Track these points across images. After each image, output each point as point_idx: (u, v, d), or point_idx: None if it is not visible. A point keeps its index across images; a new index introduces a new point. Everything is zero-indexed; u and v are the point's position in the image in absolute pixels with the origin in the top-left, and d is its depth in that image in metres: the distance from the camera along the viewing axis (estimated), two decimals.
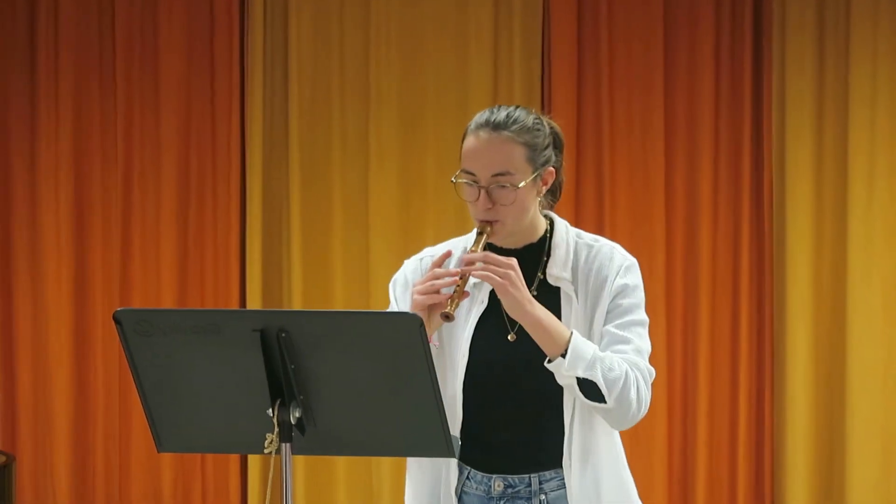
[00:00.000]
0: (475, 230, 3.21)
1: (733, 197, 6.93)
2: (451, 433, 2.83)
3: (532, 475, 3.19)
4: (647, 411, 3.20)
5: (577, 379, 3.06)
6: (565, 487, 3.18)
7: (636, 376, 3.13)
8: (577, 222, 6.84)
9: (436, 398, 2.74)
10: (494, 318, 3.18)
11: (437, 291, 3.03)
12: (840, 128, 6.83)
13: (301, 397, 2.75)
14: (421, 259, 3.29)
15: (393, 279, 3.30)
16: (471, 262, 3.05)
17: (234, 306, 6.82)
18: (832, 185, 6.86)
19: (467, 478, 3.22)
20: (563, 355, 3.03)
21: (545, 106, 6.91)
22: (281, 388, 2.74)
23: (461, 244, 3.29)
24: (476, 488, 3.21)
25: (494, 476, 3.20)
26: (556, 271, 3.21)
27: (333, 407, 2.78)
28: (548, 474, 3.19)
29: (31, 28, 6.86)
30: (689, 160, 6.93)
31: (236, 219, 6.90)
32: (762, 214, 6.94)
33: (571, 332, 3.07)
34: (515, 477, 3.19)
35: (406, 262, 3.31)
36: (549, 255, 3.25)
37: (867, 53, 6.79)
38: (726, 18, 6.91)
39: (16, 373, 6.91)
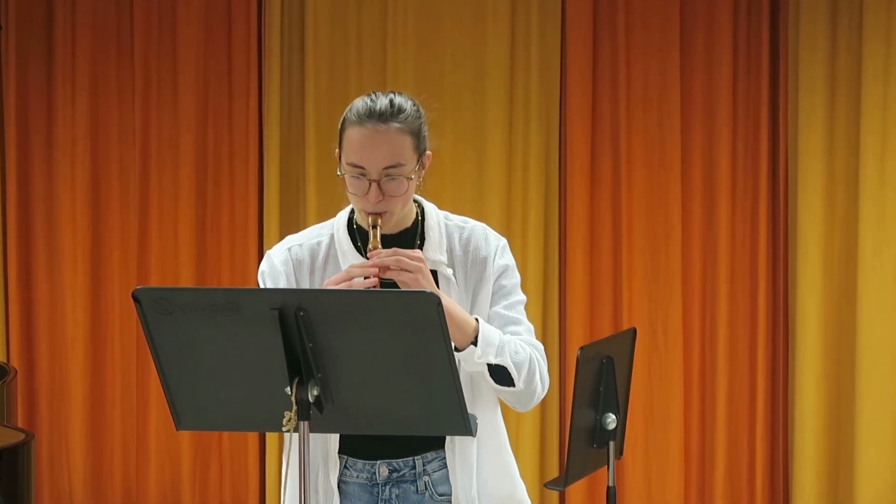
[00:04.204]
0: (342, 214, 3.24)
1: (751, 175, 6.93)
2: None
3: (416, 457, 3.21)
4: (548, 388, 3.23)
5: (488, 365, 3.08)
6: (447, 467, 3.20)
7: (537, 357, 3.17)
8: (592, 201, 6.89)
9: (453, 376, 2.74)
10: None
11: None
12: (853, 106, 6.83)
13: (319, 375, 2.75)
14: (289, 248, 3.25)
15: (260, 271, 3.26)
16: (379, 258, 3.01)
17: (252, 286, 6.83)
18: (844, 163, 6.86)
19: (345, 467, 3.22)
20: (474, 343, 3.05)
21: (562, 83, 6.91)
22: (299, 367, 2.75)
23: (327, 231, 3.27)
24: (357, 476, 3.22)
25: (379, 462, 3.21)
26: (433, 254, 3.20)
27: (351, 385, 2.78)
28: (430, 455, 3.21)
29: (48, 5, 6.88)
30: (705, 138, 6.93)
31: (254, 197, 6.91)
32: (778, 192, 6.93)
33: (477, 320, 3.08)
34: (400, 461, 3.21)
35: (270, 252, 3.27)
36: (423, 239, 3.23)
37: (880, 32, 6.78)
38: None
39: (33, 351, 6.94)
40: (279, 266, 3.23)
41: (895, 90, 6.78)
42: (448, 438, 3.18)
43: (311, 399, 2.75)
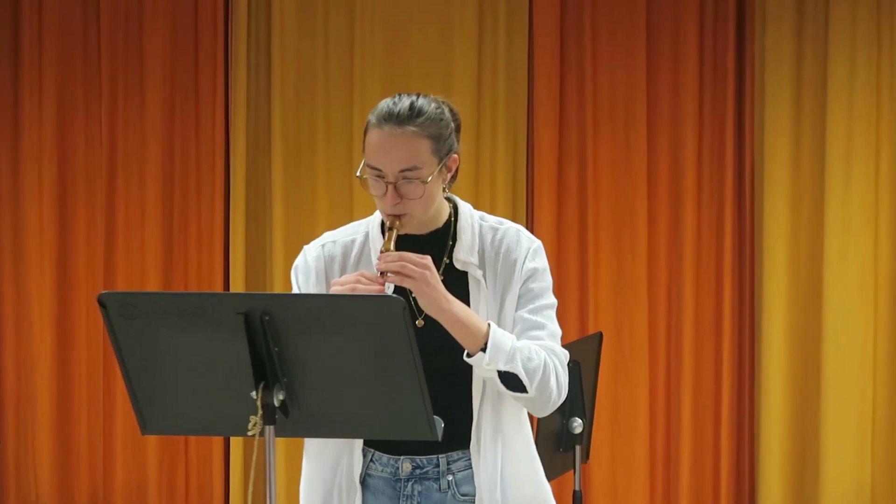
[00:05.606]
0: (377, 214, 3.24)
1: (716, 180, 6.95)
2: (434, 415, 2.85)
3: (440, 455, 3.18)
4: (566, 395, 3.19)
5: (498, 371, 3.05)
6: (472, 468, 3.18)
7: (554, 363, 3.13)
8: (559, 207, 6.91)
9: (419, 381, 2.75)
10: None
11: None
12: (818, 113, 6.86)
13: (285, 380, 2.76)
14: (323, 245, 3.26)
15: (294, 265, 3.25)
16: (384, 263, 3.01)
17: (218, 290, 6.83)
18: (810, 169, 6.89)
19: (371, 461, 3.21)
20: (483, 349, 3.02)
21: (529, 91, 6.92)
22: (265, 371, 2.75)
23: (363, 228, 3.28)
24: (381, 471, 3.20)
25: (402, 457, 3.18)
26: (463, 255, 3.19)
27: (317, 389, 2.79)
28: (455, 454, 3.18)
29: (14, 11, 6.86)
30: (671, 144, 6.95)
31: (220, 204, 6.90)
32: (744, 198, 6.96)
33: (489, 325, 3.05)
34: (424, 458, 3.18)
35: (306, 248, 3.27)
36: (454, 240, 3.23)
37: (846, 40, 6.81)
38: (709, 1, 6.92)
39: None
40: (311, 262, 3.22)
41: (860, 97, 6.82)
42: (473, 440, 3.16)
43: (276, 403, 2.76)
